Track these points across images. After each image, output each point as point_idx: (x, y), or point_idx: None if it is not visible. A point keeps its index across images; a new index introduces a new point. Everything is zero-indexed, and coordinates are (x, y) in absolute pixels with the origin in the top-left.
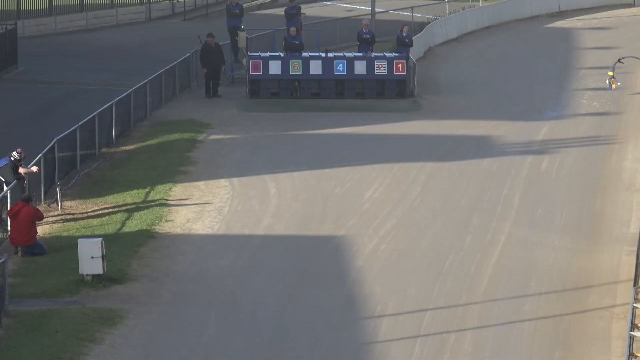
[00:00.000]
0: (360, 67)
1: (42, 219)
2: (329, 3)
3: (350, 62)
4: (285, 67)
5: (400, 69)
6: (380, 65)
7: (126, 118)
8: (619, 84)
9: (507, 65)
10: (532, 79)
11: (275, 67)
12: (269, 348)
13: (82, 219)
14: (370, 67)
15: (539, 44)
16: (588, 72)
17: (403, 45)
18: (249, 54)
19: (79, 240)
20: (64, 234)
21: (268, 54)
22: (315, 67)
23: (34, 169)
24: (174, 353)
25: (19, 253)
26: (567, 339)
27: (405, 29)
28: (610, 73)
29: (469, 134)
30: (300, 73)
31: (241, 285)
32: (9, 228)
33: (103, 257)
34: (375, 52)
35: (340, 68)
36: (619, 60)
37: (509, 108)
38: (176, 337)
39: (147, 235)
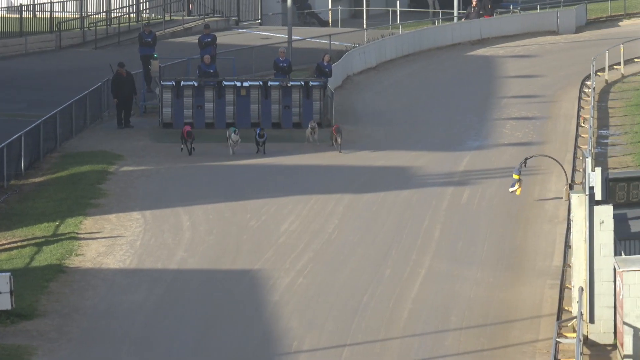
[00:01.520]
0: (276, 96)
1: None
2: (244, 31)
3: (266, 90)
4: (199, 95)
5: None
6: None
7: (35, 149)
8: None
9: (427, 94)
10: (453, 108)
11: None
12: None
13: None
14: (286, 95)
15: (460, 73)
16: (510, 101)
17: (322, 74)
18: (162, 82)
19: None
20: None
21: (182, 83)
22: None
23: None
24: None
25: None
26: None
27: (327, 57)
28: (516, 177)
29: (388, 165)
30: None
31: (154, 321)
32: None
33: (11, 292)
34: (292, 81)
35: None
36: (525, 160)
37: (429, 138)
38: None
39: (57, 270)
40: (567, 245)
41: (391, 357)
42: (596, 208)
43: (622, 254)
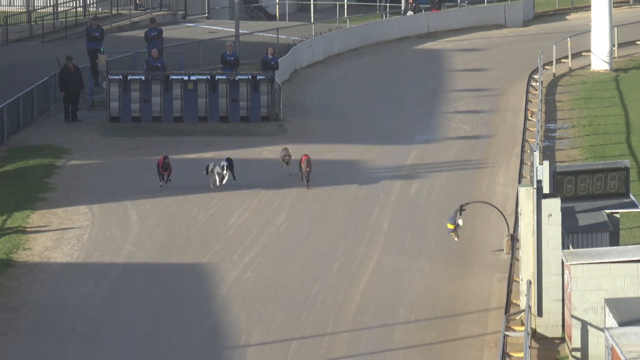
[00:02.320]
0: (223, 89)
1: None
2: (192, 25)
3: (214, 84)
4: (147, 89)
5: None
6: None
7: None
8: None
9: (375, 87)
10: (401, 101)
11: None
12: None
13: None
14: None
15: (407, 66)
16: (458, 94)
17: (268, 67)
18: (109, 76)
19: None
20: None
21: (129, 77)
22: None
23: None
24: None
25: None
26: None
27: (270, 50)
28: (450, 226)
29: (336, 158)
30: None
31: (102, 314)
32: None
33: None
34: (239, 75)
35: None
36: (461, 208)
37: (377, 132)
38: None
39: (4, 264)
40: (515, 239)
41: (340, 351)
42: (544, 201)
43: (570, 247)
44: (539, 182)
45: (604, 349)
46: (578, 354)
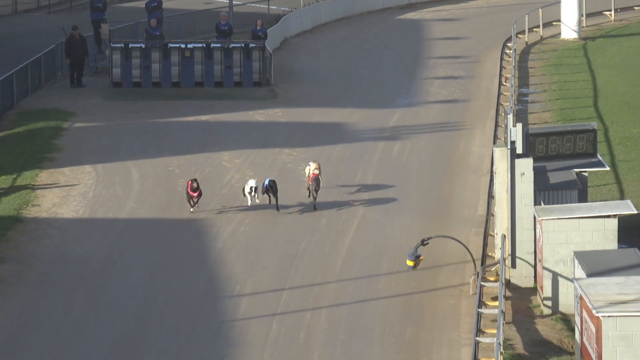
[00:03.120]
0: (218, 55)
1: None
2: None
3: (209, 51)
4: (147, 56)
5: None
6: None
7: None
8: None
9: (360, 55)
10: (383, 68)
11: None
12: (132, 328)
13: None
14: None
15: (390, 35)
16: (437, 61)
17: (257, 38)
18: (112, 45)
19: None
20: None
21: (130, 45)
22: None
23: None
24: (40, 333)
25: None
26: (418, 316)
27: (259, 22)
28: (410, 263)
29: (323, 121)
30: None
31: (105, 267)
32: None
33: None
34: (233, 43)
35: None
36: (422, 242)
37: (361, 96)
38: (43, 317)
39: (14, 219)
40: (490, 196)
41: (327, 300)
42: (517, 161)
43: (542, 203)
44: (513, 143)
45: (573, 298)
46: (549, 303)
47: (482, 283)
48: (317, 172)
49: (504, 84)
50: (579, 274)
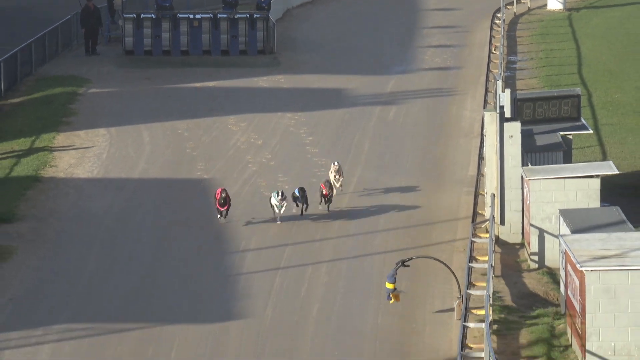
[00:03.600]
0: (224, 26)
1: None
2: None
3: (216, 21)
4: (157, 26)
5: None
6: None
7: (13, 74)
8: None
9: (358, 25)
10: (380, 37)
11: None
12: (144, 282)
13: None
14: (233, 26)
15: (386, 6)
16: (431, 31)
17: (261, 9)
18: (124, 15)
19: None
20: None
21: (142, 15)
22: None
23: None
24: (57, 287)
25: None
26: (413, 270)
27: None
28: (390, 286)
29: (324, 87)
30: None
31: (119, 224)
32: None
33: None
34: (238, 14)
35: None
36: (402, 263)
37: (359, 64)
38: (60, 272)
39: (33, 179)
40: (481, 157)
41: (327, 255)
42: (506, 124)
43: (529, 164)
44: (502, 107)
45: (558, 253)
46: (536, 258)
47: (472, 239)
48: (333, 175)
49: (494, 52)
50: (563, 230)
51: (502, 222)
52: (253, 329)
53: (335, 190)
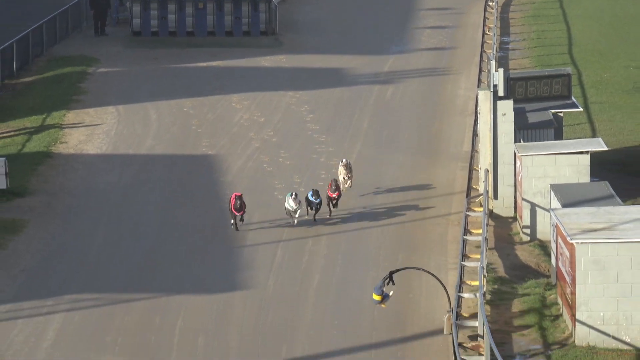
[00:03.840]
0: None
1: None
2: None
3: (220, 4)
4: (164, 8)
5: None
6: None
7: (25, 54)
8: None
9: (357, 7)
10: (378, 19)
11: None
12: (151, 254)
13: None
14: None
15: None
16: (427, 12)
17: None
18: None
19: None
20: None
21: None
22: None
23: None
24: (67, 258)
25: None
26: (409, 243)
27: None
28: (377, 297)
29: (324, 67)
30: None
31: (126, 198)
32: None
33: (6, 174)
34: None
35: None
36: (390, 276)
37: (358, 44)
38: (70, 244)
39: (44, 155)
40: (475, 134)
41: (328, 229)
42: (499, 103)
43: (521, 141)
44: (495, 86)
45: (549, 226)
46: (528, 231)
47: (467, 213)
48: (342, 174)
49: (487, 33)
50: (554, 204)
51: (496, 197)
52: (256, 299)
53: (342, 189)
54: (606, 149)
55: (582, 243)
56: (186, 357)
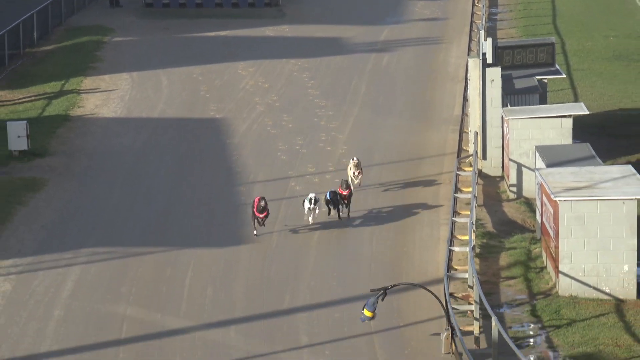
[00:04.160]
0: None
1: None
2: None
3: None
4: None
5: None
6: None
7: (45, 24)
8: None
9: None
10: None
11: None
12: (163, 211)
13: (10, 105)
14: None
15: None
16: None
17: None
18: None
19: (8, 123)
20: None
21: None
22: None
23: None
24: (85, 215)
25: None
26: (404, 198)
27: None
28: (368, 314)
29: (324, 36)
30: None
31: (140, 159)
32: None
33: (28, 136)
34: None
35: None
36: (385, 291)
37: (356, 15)
38: (87, 202)
39: (63, 119)
40: (465, 99)
41: (329, 185)
42: (488, 70)
43: (508, 105)
44: (484, 54)
45: (534, 185)
46: (514, 189)
47: (457, 172)
48: (352, 171)
49: (477, 4)
50: (539, 164)
51: (484, 157)
52: (260, 253)
53: (352, 187)
54: (587, 112)
55: (565, 200)
56: (195, 306)
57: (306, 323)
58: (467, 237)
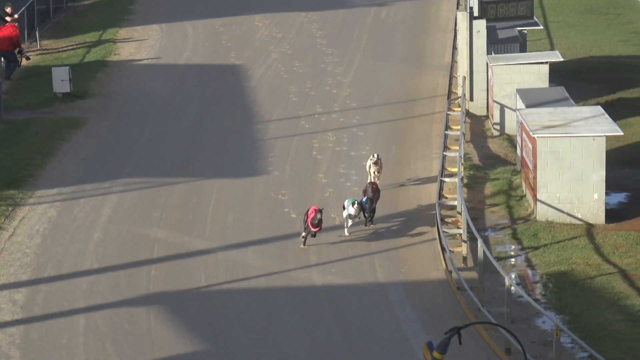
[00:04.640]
0: None
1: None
2: None
3: None
4: None
5: None
6: None
7: None
8: None
9: None
10: None
11: None
12: (188, 146)
13: (55, 53)
14: None
15: None
16: None
17: None
18: None
19: (53, 68)
20: (42, 64)
21: None
22: None
23: (15, 16)
24: (121, 149)
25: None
26: (400, 137)
27: None
28: (438, 356)
29: None
30: None
31: (168, 101)
32: None
33: (70, 80)
34: None
35: None
36: (459, 333)
37: None
38: (122, 138)
39: (101, 65)
40: (454, 48)
41: (334, 124)
42: (474, 22)
43: (492, 53)
44: (471, 8)
45: (515, 123)
46: (497, 127)
47: (448, 112)
48: (372, 169)
49: None
50: (520, 105)
51: (471, 99)
52: (275, 182)
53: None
54: (562, 60)
55: (542, 137)
56: (218, 229)
57: (315, 245)
58: (456, 169)
